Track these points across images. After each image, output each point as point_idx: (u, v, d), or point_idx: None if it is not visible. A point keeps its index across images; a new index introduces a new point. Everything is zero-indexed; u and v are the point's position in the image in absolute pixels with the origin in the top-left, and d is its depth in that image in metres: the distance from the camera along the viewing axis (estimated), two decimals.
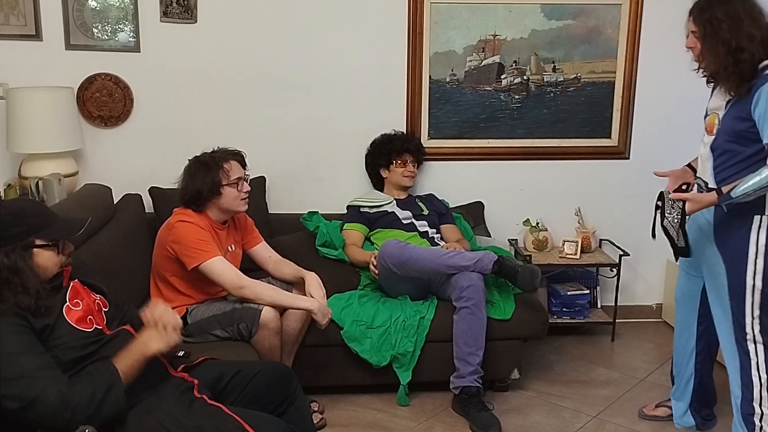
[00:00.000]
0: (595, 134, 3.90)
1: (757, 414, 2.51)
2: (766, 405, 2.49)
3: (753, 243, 2.43)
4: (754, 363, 2.49)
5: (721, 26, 2.38)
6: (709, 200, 2.44)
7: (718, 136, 2.48)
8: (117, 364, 1.91)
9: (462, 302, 3.00)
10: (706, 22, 2.42)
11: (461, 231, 3.59)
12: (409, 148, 3.61)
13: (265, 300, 2.75)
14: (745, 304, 2.47)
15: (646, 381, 3.39)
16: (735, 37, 2.36)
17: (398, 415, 3.07)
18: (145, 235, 3.21)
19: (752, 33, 2.36)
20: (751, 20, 2.38)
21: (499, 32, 3.73)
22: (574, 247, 3.79)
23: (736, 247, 2.47)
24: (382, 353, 3.03)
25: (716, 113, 2.51)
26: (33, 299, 1.87)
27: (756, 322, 2.47)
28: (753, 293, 2.45)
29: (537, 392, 3.30)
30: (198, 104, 3.62)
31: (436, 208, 3.63)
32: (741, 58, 2.36)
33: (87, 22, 3.46)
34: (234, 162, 2.89)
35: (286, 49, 3.61)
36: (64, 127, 3.28)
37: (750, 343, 2.49)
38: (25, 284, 1.87)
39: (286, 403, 2.24)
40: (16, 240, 1.90)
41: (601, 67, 3.83)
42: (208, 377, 2.16)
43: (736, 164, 2.44)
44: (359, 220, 3.50)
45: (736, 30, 2.36)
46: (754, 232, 2.43)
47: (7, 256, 1.87)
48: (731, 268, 2.49)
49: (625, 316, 4.02)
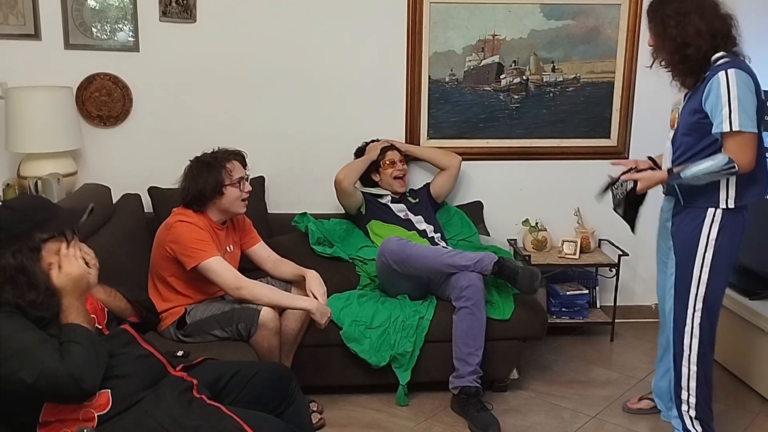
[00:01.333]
0: (595, 134, 3.90)
1: (684, 400, 2.64)
2: (693, 394, 2.61)
3: (704, 236, 2.49)
4: (686, 355, 2.59)
5: (669, 22, 2.46)
6: (659, 177, 2.54)
7: (677, 130, 2.56)
8: (74, 321, 1.91)
9: (461, 302, 3.00)
10: (657, 20, 2.50)
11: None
12: (393, 145, 3.63)
13: (263, 300, 2.74)
14: (688, 297, 2.54)
15: (645, 381, 3.38)
16: (681, 33, 2.43)
17: (397, 415, 3.07)
18: (144, 235, 3.20)
19: (699, 27, 2.42)
20: (699, 14, 2.42)
21: (498, 32, 3.73)
22: (574, 247, 3.79)
23: (687, 239, 2.53)
24: (381, 353, 3.03)
25: (677, 108, 2.60)
26: (40, 295, 1.89)
27: (697, 315, 2.54)
28: (698, 286, 2.51)
29: (536, 392, 3.30)
30: (197, 104, 3.61)
31: (419, 194, 3.68)
32: (686, 53, 2.43)
33: (86, 22, 3.45)
34: (236, 162, 2.89)
35: (285, 48, 3.61)
36: (63, 126, 3.28)
37: (687, 334, 2.57)
38: (32, 283, 1.89)
39: (285, 403, 2.24)
40: (22, 238, 1.90)
41: (600, 67, 3.83)
42: (207, 377, 2.16)
43: (692, 157, 2.50)
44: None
45: (682, 25, 2.43)
46: (706, 226, 2.49)
47: (13, 257, 1.88)
48: (680, 261, 2.56)
49: (624, 316, 4.02)
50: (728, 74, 2.35)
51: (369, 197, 3.56)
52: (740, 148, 2.36)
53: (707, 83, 2.40)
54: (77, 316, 1.92)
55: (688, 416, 2.64)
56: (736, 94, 2.33)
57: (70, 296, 1.93)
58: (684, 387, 2.62)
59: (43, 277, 1.92)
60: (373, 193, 3.59)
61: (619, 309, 3.87)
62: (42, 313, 1.91)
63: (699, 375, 2.59)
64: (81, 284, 1.95)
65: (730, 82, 2.34)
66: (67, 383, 1.80)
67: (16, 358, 1.79)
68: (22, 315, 1.88)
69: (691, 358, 2.58)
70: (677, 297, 2.58)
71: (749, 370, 3.27)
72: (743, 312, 3.25)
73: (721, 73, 2.37)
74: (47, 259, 1.94)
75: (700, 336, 2.56)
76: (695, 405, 2.61)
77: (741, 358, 3.34)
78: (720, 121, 2.35)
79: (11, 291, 1.87)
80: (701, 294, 2.52)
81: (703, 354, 2.58)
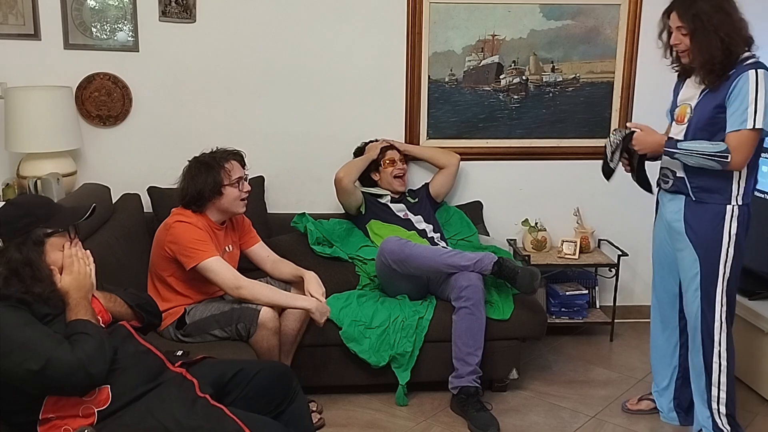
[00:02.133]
0: (594, 134, 3.90)
1: (714, 397, 2.66)
2: (723, 389, 2.64)
3: (726, 231, 2.53)
4: (717, 351, 2.62)
5: (710, 20, 2.42)
6: (658, 139, 2.59)
7: (690, 125, 2.55)
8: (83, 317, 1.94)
9: (461, 302, 3.00)
10: (693, 17, 2.46)
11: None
12: (393, 145, 3.62)
13: (263, 300, 2.74)
14: (716, 292, 2.57)
15: (644, 381, 3.38)
16: (726, 32, 2.41)
17: (397, 415, 3.07)
18: (144, 234, 3.20)
19: (740, 26, 2.43)
20: (738, 14, 2.44)
21: (498, 32, 3.73)
22: (573, 247, 3.79)
23: (709, 237, 2.55)
24: (381, 353, 3.03)
25: (688, 104, 2.59)
26: (46, 289, 1.93)
27: (724, 309, 2.58)
28: (723, 281, 2.56)
29: (535, 392, 3.30)
30: (197, 104, 3.61)
31: (418, 194, 3.68)
32: (732, 51, 2.42)
33: (86, 22, 3.45)
34: (234, 162, 2.89)
35: (284, 48, 3.61)
36: (63, 126, 3.28)
37: (716, 330, 2.60)
38: (36, 276, 1.93)
39: (286, 401, 2.25)
40: (25, 231, 1.94)
41: (599, 68, 3.83)
42: (209, 376, 2.16)
43: None
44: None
45: (725, 23, 2.42)
46: (727, 221, 2.53)
47: (19, 250, 1.93)
48: (705, 259, 2.58)
49: (624, 316, 4.02)
50: (758, 74, 2.39)
51: (368, 197, 3.56)
52: (742, 145, 2.41)
53: (735, 80, 2.41)
54: (85, 312, 1.95)
55: (718, 413, 2.66)
56: (764, 94, 2.37)
57: (77, 295, 1.97)
58: (714, 383, 2.64)
59: (47, 271, 1.95)
60: (373, 193, 3.59)
61: (618, 309, 3.87)
62: (48, 309, 1.94)
63: (729, 368, 2.63)
64: (86, 283, 2.00)
65: (759, 81, 2.38)
66: (75, 370, 1.82)
67: (19, 351, 1.80)
68: (28, 310, 1.89)
69: (722, 353, 2.62)
70: (704, 296, 2.60)
71: (748, 370, 3.27)
72: (743, 312, 3.25)
73: (750, 71, 2.39)
74: (51, 254, 1.97)
75: (727, 330, 2.60)
76: (725, 401, 2.64)
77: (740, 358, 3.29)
78: (744, 118, 2.38)
79: (17, 285, 1.91)
80: (724, 288, 2.57)
81: (731, 345, 2.62)
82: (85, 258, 2.05)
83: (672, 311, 2.87)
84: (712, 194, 2.54)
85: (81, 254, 2.03)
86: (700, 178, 2.55)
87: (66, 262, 2.00)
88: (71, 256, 2.01)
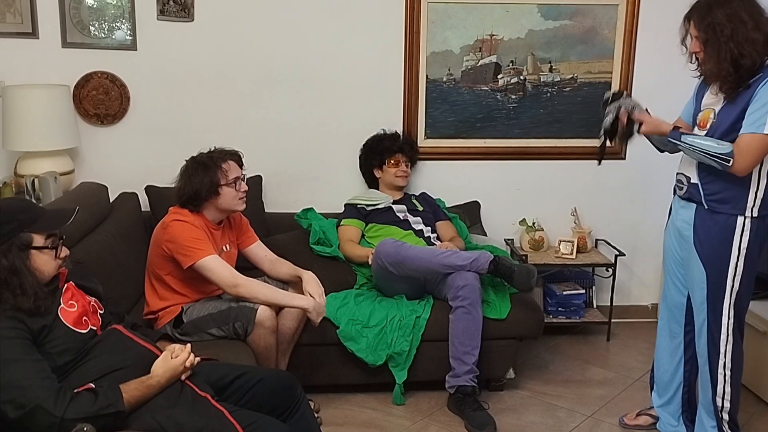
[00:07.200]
0: (592, 134, 3.87)
1: (718, 407, 2.63)
2: (728, 399, 2.61)
3: (736, 245, 2.46)
4: (722, 363, 2.59)
5: (723, 31, 2.34)
6: (663, 128, 2.54)
7: (711, 130, 2.47)
8: (125, 391, 1.90)
9: (458, 302, 3.00)
10: (707, 26, 2.38)
11: (456, 230, 3.60)
12: (402, 147, 3.61)
13: (261, 298, 2.75)
14: (722, 306, 2.52)
15: (641, 381, 3.39)
16: (737, 43, 2.33)
17: (394, 414, 3.08)
18: (141, 233, 3.20)
19: (755, 37, 2.33)
20: (753, 23, 2.34)
21: (495, 32, 3.73)
22: (570, 246, 3.79)
23: (717, 249, 2.49)
24: (378, 352, 3.04)
25: (712, 108, 2.50)
26: (32, 300, 1.88)
27: (731, 322, 2.53)
28: (731, 294, 2.50)
29: (532, 392, 3.30)
30: (194, 103, 3.61)
31: (430, 206, 3.64)
32: (742, 64, 2.34)
33: (84, 20, 3.45)
34: (232, 162, 2.89)
35: (282, 47, 3.61)
36: (61, 125, 3.28)
37: (722, 342, 2.56)
38: (23, 285, 1.88)
39: (289, 411, 2.23)
40: (8, 237, 1.90)
41: (597, 68, 3.83)
42: (209, 375, 2.16)
43: None
44: (356, 216, 3.50)
45: (738, 34, 2.33)
46: (737, 234, 2.45)
47: (5, 257, 1.88)
48: (712, 273, 2.52)
49: (621, 316, 4.02)
50: None
51: (367, 213, 3.51)
52: (752, 149, 2.32)
53: (760, 86, 2.33)
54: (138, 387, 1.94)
55: (724, 423, 2.64)
56: None
57: (160, 378, 1.99)
58: (719, 394, 2.61)
59: (32, 279, 1.90)
60: (373, 206, 3.53)
61: (615, 309, 3.88)
62: (42, 321, 1.90)
63: (734, 378, 2.59)
64: (174, 376, 2.03)
65: None
66: (50, 425, 1.78)
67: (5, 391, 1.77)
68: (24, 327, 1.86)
69: (726, 363, 2.58)
70: (710, 308, 2.55)
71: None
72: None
73: None
74: (36, 259, 1.94)
75: (733, 342, 2.56)
76: (729, 409, 2.61)
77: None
78: (763, 122, 2.29)
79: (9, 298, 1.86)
80: (733, 301, 2.51)
81: (737, 357, 2.58)
82: (190, 356, 2.07)
83: (677, 324, 2.81)
84: (724, 204, 2.45)
85: (186, 356, 2.05)
86: (714, 185, 2.47)
87: (176, 352, 2.05)
88: (183, 351, 2.05)
